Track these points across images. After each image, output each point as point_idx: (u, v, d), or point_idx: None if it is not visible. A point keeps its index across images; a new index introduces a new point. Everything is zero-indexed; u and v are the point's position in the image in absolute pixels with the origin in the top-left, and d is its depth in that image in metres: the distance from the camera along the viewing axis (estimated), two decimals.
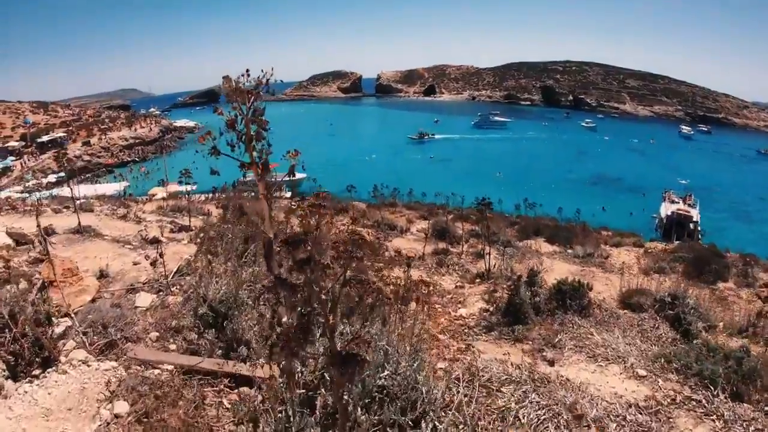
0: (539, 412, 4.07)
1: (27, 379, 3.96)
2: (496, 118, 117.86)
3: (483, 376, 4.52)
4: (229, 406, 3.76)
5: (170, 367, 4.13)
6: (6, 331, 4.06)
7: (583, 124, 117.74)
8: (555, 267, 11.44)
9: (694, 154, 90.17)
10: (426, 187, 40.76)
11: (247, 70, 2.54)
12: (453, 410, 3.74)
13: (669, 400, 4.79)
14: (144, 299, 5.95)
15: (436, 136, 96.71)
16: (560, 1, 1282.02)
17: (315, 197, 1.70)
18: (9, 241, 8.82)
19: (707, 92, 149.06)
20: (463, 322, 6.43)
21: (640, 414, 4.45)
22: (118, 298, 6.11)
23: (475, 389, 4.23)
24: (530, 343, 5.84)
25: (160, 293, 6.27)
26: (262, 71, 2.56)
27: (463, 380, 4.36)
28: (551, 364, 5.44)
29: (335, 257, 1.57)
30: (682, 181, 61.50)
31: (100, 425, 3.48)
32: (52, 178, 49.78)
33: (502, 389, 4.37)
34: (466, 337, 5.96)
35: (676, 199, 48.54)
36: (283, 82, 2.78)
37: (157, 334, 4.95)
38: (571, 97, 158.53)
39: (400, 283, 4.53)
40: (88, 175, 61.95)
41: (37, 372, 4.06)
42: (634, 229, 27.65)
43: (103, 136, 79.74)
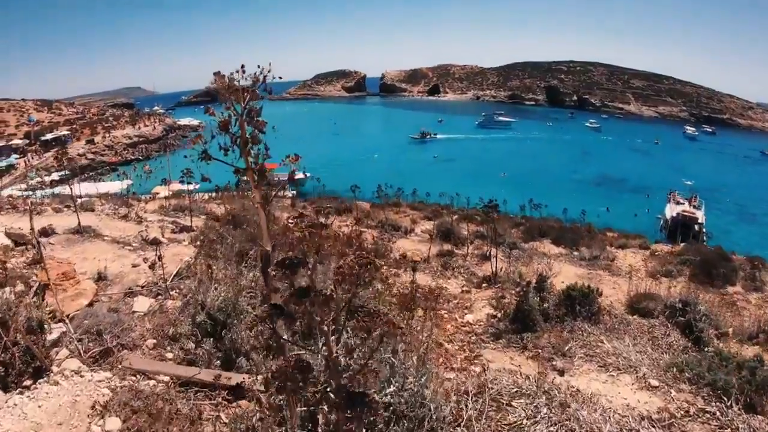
0: (551, 429, 3.89)
1: (18, 391, 3.80)
2: (501, 118, 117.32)
3: (492, 389, 4.35)
4: (227, 421, 3.58)
5: (166, 378, 3.96)
6: None
7: (588, 125, 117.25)
8: (562, 270, 11.28)
9: (699, 155, 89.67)
10: (430, 186, 40.42)
11: (242, 66, 2.32)
12: (462, 427, 3.57)
13: (682, 413, 4.69)
14: (142, 303, 5.79)
15: (438, 136, 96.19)
16: (565, 1, 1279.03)
17: (316, 213, 1.51)
18: (7, 242, 8.70)
19: (712, 93, 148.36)
20: (470, 329, 6.26)
21: (654, 427, 4.34)
22: (116, 302, 5.97)
23: (485, 403, 4.06)
24: (539, 351, 5.67)
25: (159, 297, 6.12)
26: (259, 67, 2.35)
27: (472, 393, 4.19)
28: (561, 373, 5.27)
29: (340, 280, 1.39)
30: (687, 182, 61.05)
31: None
32: (55, 176, 49.65)
33: (513, 403, 4.19)
34: (473, 345, 5.79)
35: (681, 200, 48.11)
36: (281, 79, 2.55)
37: (154, 341, 4.78)
38: (576, 98, 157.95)
39: (406, 291, 4.36)
40: (92, 173, 61.89)
41: (28, 383, 3.90)
42: (638, 231, 27.34)
43: (107, 135, 79.64)
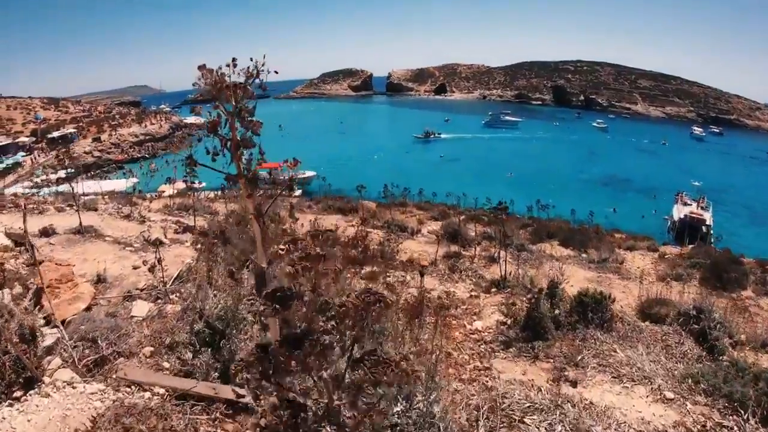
0: None
1: (7, 402, 3.63)
2: (507, 118, 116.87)
3: (504, 403, 4.15)
4: None
5: (162, 391, 3.78)
6: None
7: (595, 125, 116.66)
8: (571, 273, 11.04)
9: (706, 156, 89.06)
10: (436, 186, 40.16)
11: (234, 60, 2.11)
12: None
13: (699, 427, 4.50)
14: (141, 308, 5.62)
15: (443, 136, 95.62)
16: (572, 0, 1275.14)
17: (312, 239, 1.29)
18: (7, 242, 8.57)
19: (719, 93, 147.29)
20: (479, 337, 6.05)
21: None
22: (114, 306, 5.80)
23: (497, 418, 3.86)
24: (551, 361, 5.46)
25: (159, 301, 5.95)
26: (252, 60, 2.13)
27: (483, 408, 3.99)
28: (574, 385, 5.07)
29: (342, 317, 1.19)
30: (695, 183, 60.61)
31: None
32: (62, 174, 49.64)
33: (526, 419, 3.98)
34: (482, 354, 5.59)
35: (689, 202, 47.77)
36: (277, 73, 2.32)
37: (152, 349, 4.61)
38: (583, 97, 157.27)
39: (414, 297, 4.16)
40: (98, 171, 61.97)
41: (18, 394, 3.73)
42: (646, 232, 27.16)
43: (114, 133, 79.80)
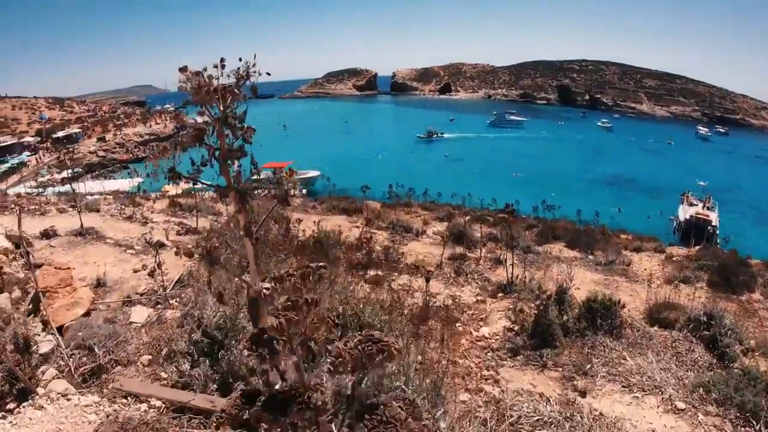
0: None
1: (0, 415, 3.52)
2: (512, 117, 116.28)
3: (512, 416, 4.01)
4: None
5: (158, 403, 3.65)
6: None
7: (600, 124, 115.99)
8: (577, 276, 10.87)
9: (711, 156, 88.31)
10: (441, 186, 39.87)
11: (222, 60, 1.94)
12: None
13: None
14: (140, 314, 5.50)
15: (446, 135, 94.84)
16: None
17: (302, 278, 1.15)
18: (8, 245, 8.49)
19: (725, 92, 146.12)
20: (485, 344, 5.90)
21: None
22: (113, 312, 5.69)
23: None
24: (560, 369, 5.31)
25: (158, 306, 5.83)
26: (240, 60, 1.97)
27: (491, 422, 3.85)
28: (583, 394, 4.93)
29: (338, 364, 1.05)
30: (701, 183, 60.13)
31: None
32: (66, 174, 49.61)
33: None
34: (489, 362, 5.45)
35: (695, 202, 47.35)
36: (269, 74, 2.16)
37: (150, 358, 4.48)
38: (588, 97, 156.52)
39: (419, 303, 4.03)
40: (102, 171, 61.97)
41: (12, 406, 3.61)
42: (651, 232, 26.91)
43: (118, 132, 79.86)
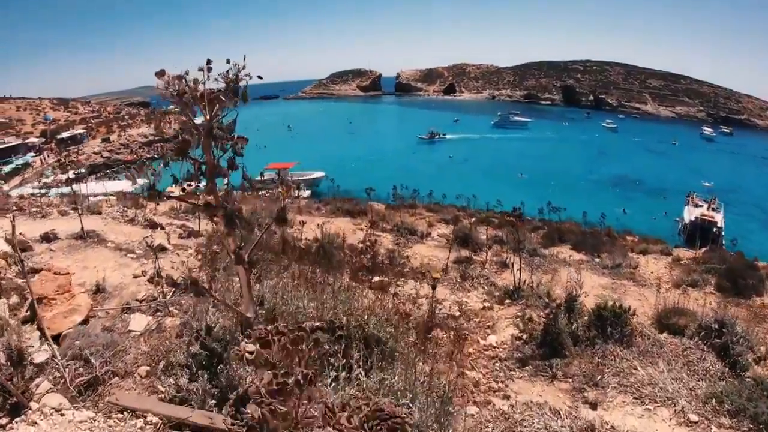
0: None
1: None
2: (517, 118, 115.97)
3: None
4: None
5: (155, 419, 3.51)
6: None
7: (604, 125, 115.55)
8: (585, 280, 10.69)
9: (716, 156, 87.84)
10: (446, 187, 39.63)
11: (208, 62, 1.76)
12: None
13: None
14: (139, 322, 5.36)
15: (448, 136, 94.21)
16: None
17: (293, 342, 0.98)
18: (7, 249, 8.36)
19: (729, 93, 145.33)
20: (493, 353, 5.75)
21: None
22: (112, 319, 5.55)
23: None
24: (569, 381, 5.16)
25: (158, 314, 5.70)
26: (228, 62, 1.79)
27: None
28: (593, 407, 4.78)
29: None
30: (706, 184, 59.79)
31: None
32: (71, 175, 49.58)
33: None
34: (497, 372, 5.30)
35: (700, 203, 47.01)
36: (261, 78, 1.99)
37: (148, 369, 4.35)
38: (592, 97, 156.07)
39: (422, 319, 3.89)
40: (107, 171, 61.98)
41: (4, 421, 3.49)
42: (656, 233, 26.78)
43: (123, 133, 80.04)
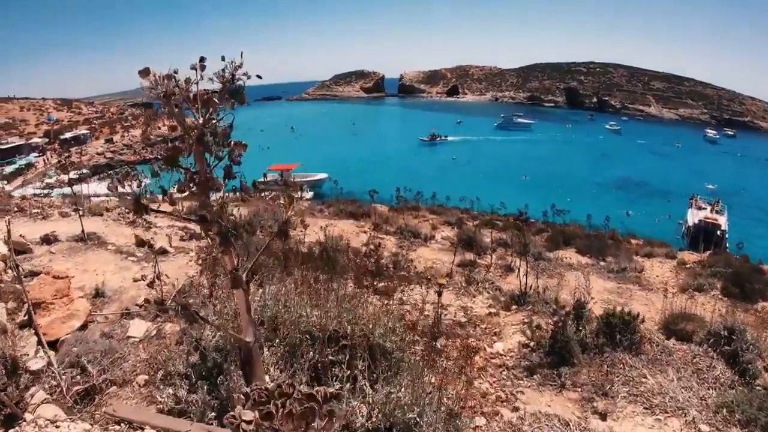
0: None
1: None
2: (520, 120, 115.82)
3: None
4: None
5: None
6: None
7: (608, 127, 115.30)
8: (590, 284, 10.56)
9: (720, 158, 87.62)
10: (449, 189, 39.57)
11: (202, 59, 1.63)
12: None
13: None
14: (138, 328, 5.25)
15: (450, 138, 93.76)
16: (584, 1, 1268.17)
17: (301, 417, 0.85)
18: (5, 251, 8.25)
19: (733, 95, 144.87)
20: (500, 361, 5.61)
21: None
22: (111, 324, 5.44)
23: None
24: (578, 390, 5.03)
25: (158, 319, 5.58)
26: (222, 59, 1.67)
27: None
28: (603, 417, 4.66)
29: None
30: (710, 186, 59.66)
31: None
32: (74, 175, 49.57)
33: None
34: (505, 381, 5.16)
35: (704, 205, 46.83)
36: (260, 77, 1.87)
37: (146, 378, 4.23)
38: (595, 99, 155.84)
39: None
40: (110, 172, 61.96)
41: None
42: (660, 236, 26.72)
43: (126, 134, 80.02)
